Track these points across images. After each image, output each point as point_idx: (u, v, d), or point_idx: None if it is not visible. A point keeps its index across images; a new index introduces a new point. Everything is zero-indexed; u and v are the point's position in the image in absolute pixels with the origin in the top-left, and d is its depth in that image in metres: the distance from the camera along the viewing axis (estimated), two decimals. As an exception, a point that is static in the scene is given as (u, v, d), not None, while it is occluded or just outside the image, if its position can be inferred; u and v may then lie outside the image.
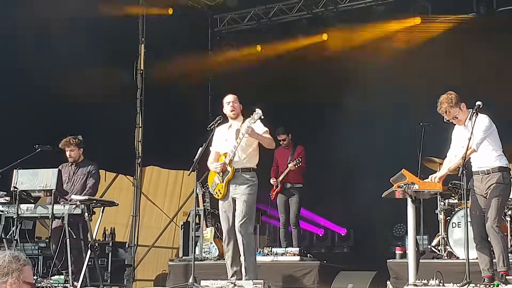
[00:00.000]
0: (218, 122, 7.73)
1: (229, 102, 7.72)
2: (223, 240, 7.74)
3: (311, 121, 12.34)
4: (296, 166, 10.16)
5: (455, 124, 6.93)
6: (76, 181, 9.04)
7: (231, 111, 7.71)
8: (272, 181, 10.40)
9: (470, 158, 6.71)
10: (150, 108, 12.67)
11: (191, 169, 7.52)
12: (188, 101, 12.92)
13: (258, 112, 7.44)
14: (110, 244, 10.69)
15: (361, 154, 11.65)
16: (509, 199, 7.75)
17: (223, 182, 7.60)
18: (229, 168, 7.54)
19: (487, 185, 6.70)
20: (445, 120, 6.82)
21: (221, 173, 7.57)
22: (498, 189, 6.65)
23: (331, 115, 11.84)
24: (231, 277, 7.61)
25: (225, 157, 7.57)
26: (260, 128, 7.58)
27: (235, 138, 7.53)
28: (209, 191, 10.58)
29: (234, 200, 7.60)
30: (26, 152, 8.45)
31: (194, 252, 8.74)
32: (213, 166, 7.70)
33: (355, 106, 11.60)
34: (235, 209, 7.55)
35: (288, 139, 10.46)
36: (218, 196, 7.74)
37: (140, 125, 12.60)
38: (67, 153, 9.10)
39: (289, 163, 10.26)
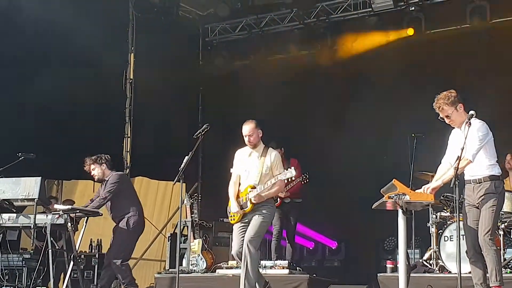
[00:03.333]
0: (205, 130, 7.60)
1: (246, 136, 7.44)
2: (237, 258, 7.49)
3: (301, 134, 12.19)
4: (303, 183, 9.92)
5: (452, 129, 6.72)
6: None
7: (249, 143, 7.48)
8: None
9: None
10: (139, 118, 12.51)
11: (176, 178, 7.38)
12: (178, 111, 12.76)
13: (288, 173, 7.28)
14: (97, 255, 10.53)
15: (352, 166, 11.51)
16: (502, 212, 7.60)
17: (239, 212, 7.43)
18: (248, 204, 7.35)
19: (479, 195, 6.46)
20: (439, 118, 6.62)
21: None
22: (491, 199, 6.40)
23: (321, 128, 11.70)
24: None
25: (251, 189, 7.36)
26: (278, 169, 7.40)
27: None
28: (198, 202, 10.52)
29: (249, 223, 7.41)
30: (9, 160, 8.25)
31: (179, 264, 8.52)
32: (232, 202, 7.48)
33: (345, 118, 11.48)
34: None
35: (281, 153, 10.23)
36: (232, 221, 7.57)
37: (129, 135, 12.44)
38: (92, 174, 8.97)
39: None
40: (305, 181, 9.89)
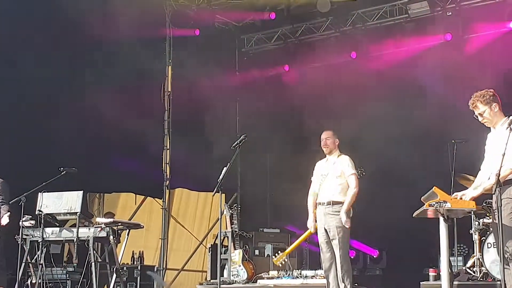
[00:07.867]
0: (243, 141, 7.61)
1: (322, 139, 8.07)
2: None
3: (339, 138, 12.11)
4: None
5: (488, 132, 6.53)
6: None
7: (324, 147, 8.06)
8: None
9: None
10: (178, 130, 12.59)
11: (215, 189, 7.39)
12: (216, 122, 12.80)
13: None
14: (139, 267, 10.61)
15: (393, 173, 11.39)
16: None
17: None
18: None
19: (502, 200, 5.96)
20: (473, 116, 6.44)
21: None
22: (509, 206, 5.98)
23: (361, 132, 11.60)
24: None
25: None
26: (348, 171, 7.89)
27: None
28: (237, 212, 10.52)
29: (326, 230, 7.81)
30: (51, 175, 8.36)
31: (220, 275, 8.53)
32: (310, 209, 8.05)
33: (387, 123, 11.36)
34: (331, 239, 7.79)
35: None
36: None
37: (168, 147, 12.52)
38: None
39: None
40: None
